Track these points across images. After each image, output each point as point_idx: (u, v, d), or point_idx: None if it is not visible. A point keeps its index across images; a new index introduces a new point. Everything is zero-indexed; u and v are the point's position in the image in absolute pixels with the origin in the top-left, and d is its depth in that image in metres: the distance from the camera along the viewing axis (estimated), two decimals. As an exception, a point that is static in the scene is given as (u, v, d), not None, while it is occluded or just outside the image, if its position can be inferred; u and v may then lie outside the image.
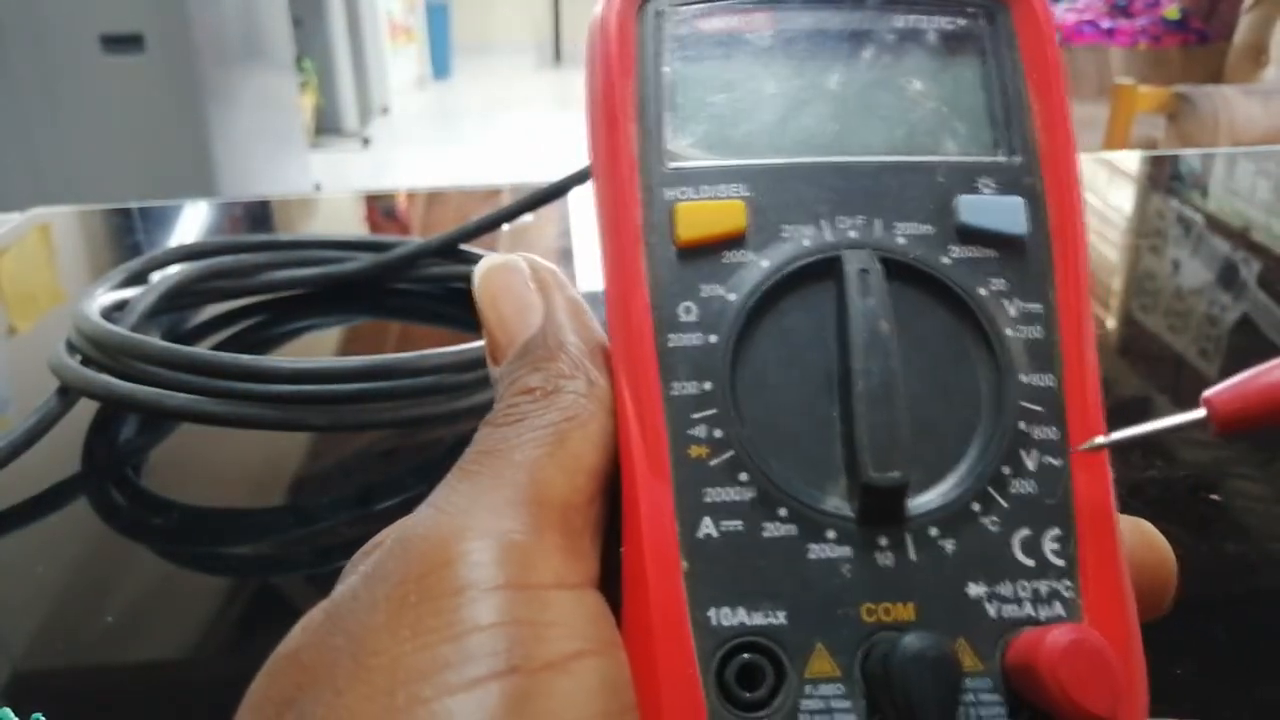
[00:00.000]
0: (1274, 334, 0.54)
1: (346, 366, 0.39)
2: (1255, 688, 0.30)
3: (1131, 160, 0.97)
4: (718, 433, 0.17)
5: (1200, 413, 0.16)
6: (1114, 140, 2.08)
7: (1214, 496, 0.38)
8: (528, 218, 0.60)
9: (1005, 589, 0.16)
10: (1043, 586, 0.16)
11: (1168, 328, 0.55)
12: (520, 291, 0.19)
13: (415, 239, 0.56)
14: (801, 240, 0.18)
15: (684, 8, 0.19)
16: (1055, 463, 0.17)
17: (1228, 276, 0.63)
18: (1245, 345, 0.53)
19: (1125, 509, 0.18)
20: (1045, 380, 0.17)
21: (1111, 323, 0.57)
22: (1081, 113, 2.33)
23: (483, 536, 0.15)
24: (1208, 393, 0.16)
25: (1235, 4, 2.43)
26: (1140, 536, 0.18)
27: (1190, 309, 0.58)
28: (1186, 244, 0.69)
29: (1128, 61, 2.50)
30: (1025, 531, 0.17)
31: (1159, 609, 0.18)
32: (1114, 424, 0.17)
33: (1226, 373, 0.16)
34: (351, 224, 0.80)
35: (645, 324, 0.17)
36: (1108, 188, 0.83)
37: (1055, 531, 0.17)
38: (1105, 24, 2.61)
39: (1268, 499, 0.39)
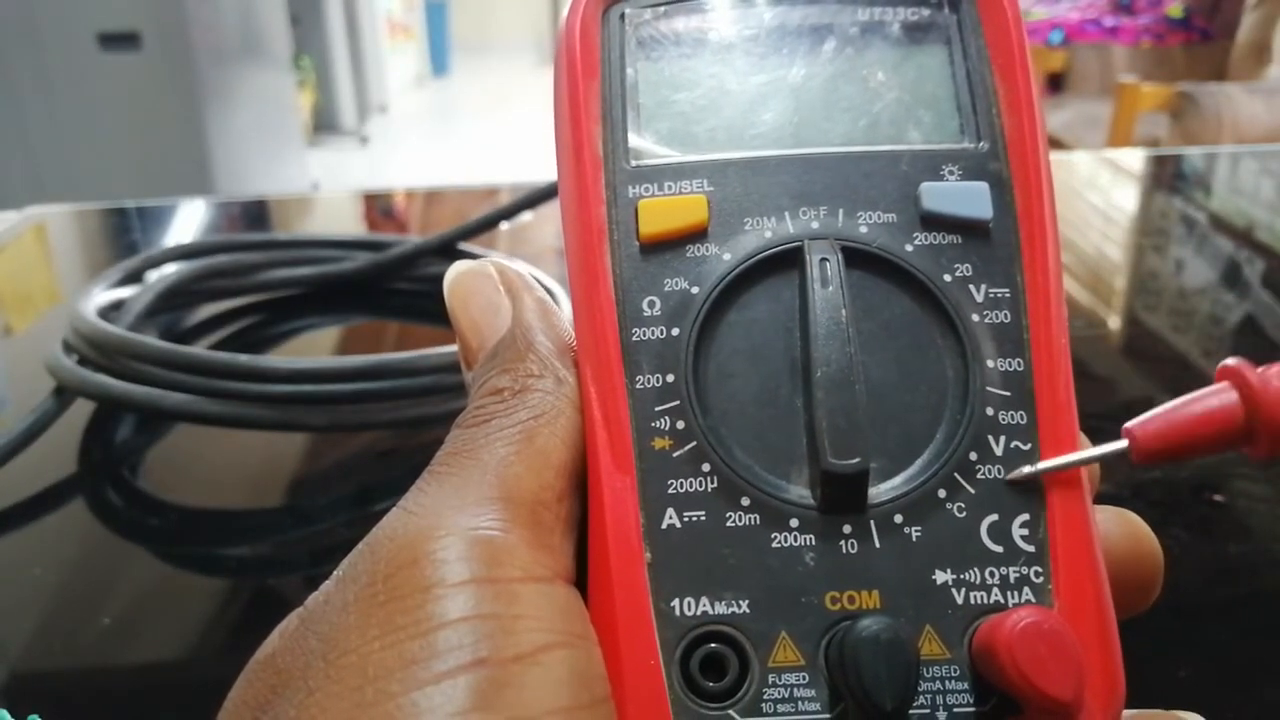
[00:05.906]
0: (1278, 334, 0.54)
1: (344, 366, 0.39)
2: (1258, 689, 0.29)
3: (1135, 159, 0.97)
4: (680, 424, 0.17)
5: (1122, 444, 0.16)
6: (1117, 138, 2.08)
7: (1217, 497, 0.38)
8: (526, 216, 0.60)
9: (973, 575, 0.16)
10: (1011, 573, 0.16)
11: (1171, 328, 0.55)
12: (489, 295, 0.19)
13: (413, 238, 0.56)
14: (764, 232, 0.18)
15: (647, 10, 0.19)
16: (1024, 447, 0.17)
17: (1231, 276, 0.63)
18: (1249, 345, 0.53)
19: (1129, 510, 0.18)
20: (1013, 365, 0.17)
21: (1115, 322, 0.57)
22: (1085, 111, 2.32)
23: (450, 534, 0.15)
24: (1129, 424, 0.16)
25: (1238, 2, 2.43)
26: (1125, 528, 0.18)
27: (1194, 309, 0.58)
28: (1190, 243, 0.69)
29: (1131, 60, 2.50)
30: (993, 517, 0.16)
31: (1145, 602, 0.18)
32: (1112, 422, 0.17)
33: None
34: (349, 223, 0.80)
35: (609, 319, 0.17)
36: (1111, 186, 0.83)
37: (1024, 517, 0.17)
38: (1108, 22, 2.60)
39: (1270, 500, 0.38)
